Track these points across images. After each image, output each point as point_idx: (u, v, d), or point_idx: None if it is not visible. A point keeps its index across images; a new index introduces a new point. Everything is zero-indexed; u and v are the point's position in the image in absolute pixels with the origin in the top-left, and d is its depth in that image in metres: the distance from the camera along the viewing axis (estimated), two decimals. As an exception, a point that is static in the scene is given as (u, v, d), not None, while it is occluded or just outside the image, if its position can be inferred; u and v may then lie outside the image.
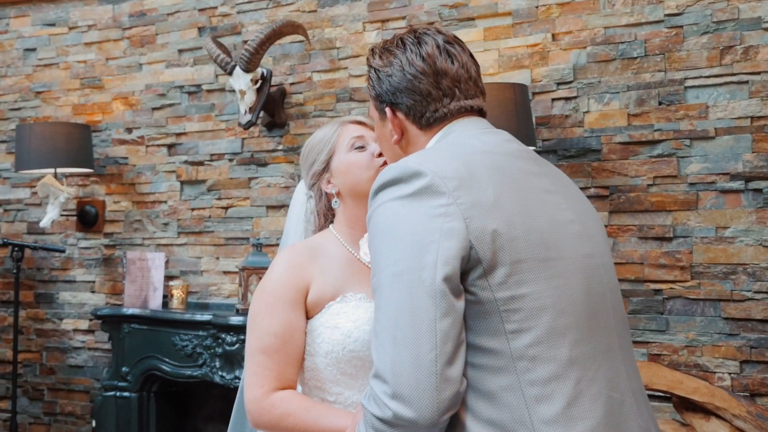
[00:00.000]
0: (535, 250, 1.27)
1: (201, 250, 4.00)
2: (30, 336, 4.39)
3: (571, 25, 3.21)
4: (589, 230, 1.40)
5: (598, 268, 1.37)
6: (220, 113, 3.95)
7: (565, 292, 1.28)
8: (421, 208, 1.25)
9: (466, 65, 1.45)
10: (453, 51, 1.44)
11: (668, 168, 3.03)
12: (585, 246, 1.36)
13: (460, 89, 1.43)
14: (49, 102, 4.37)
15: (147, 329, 3.77)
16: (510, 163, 1.36)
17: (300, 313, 1.68)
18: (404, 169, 1.29)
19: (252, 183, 3.87)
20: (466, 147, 1.36)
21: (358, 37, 3.65)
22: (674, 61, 3.03)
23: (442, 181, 1.26)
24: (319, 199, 1.84)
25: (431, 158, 1.31)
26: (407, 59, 1.43)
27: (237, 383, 3.43)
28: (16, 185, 4.44)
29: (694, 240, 2.98)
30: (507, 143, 1.42)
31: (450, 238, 1.23)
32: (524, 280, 1.26)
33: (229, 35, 3.92)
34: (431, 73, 1.42)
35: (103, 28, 4.25)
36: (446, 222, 1.23)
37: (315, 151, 1.82)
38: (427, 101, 1.42)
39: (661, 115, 3.05)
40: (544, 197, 1.35)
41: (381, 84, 1.46)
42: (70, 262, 4.29)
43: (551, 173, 1.43)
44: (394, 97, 1.44)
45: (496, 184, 1.29)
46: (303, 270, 1.70)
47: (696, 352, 2.97)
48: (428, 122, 1.43)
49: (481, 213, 1.25)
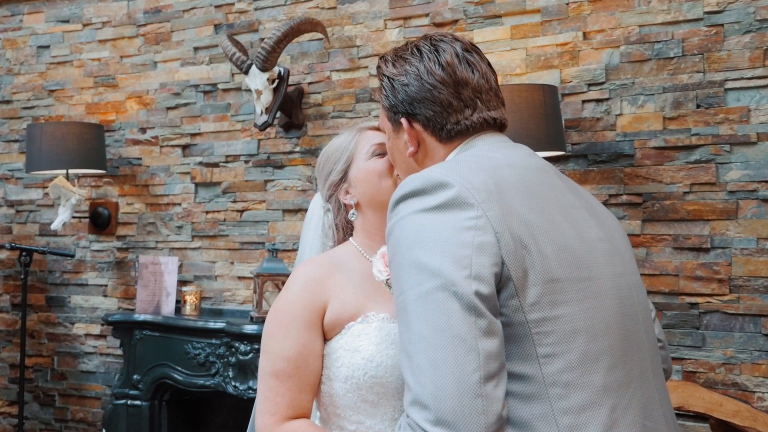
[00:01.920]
0: (568, 269, 1.21)
1: (215, 255, 3.88)
2: (41, 340, 4.30)
3: (604, 22, 3.04)
4: (618, 248, 1.34)
5: (630, 287, 1.32)
6: (236, 113, 3.83)
7: (598, 314, 1.22)
8: (449, 221, 1.17)
9: (486, 74, 1.38)
10: (472, 59, 1.37)
11: (706, 175, 2.86)
12: (616, 265, 1.30)
13: (482, 100, 1.36)
14: (63, 101, 4.27)
15: (159, 336, 3.67)
16: (536, 177, 1.29)
17: (316, 335, 1.56)
18: (428, 179, 1.21)
19: (268, 186, 3.75)
20: (490, 160, 1.29)
21: (379, 35, 3.51)
22: (714, 61, 2.86)
23: (470, 192, 1.18)
24: (337, 212, 1.72)
25: (456, 169, 1.23)
26: (425, 68, 1.35)
27: (251, 394, 3.32)
28: (29, 186, 4.35)
29: (733, 251, 2.81)
30: (530, 157, 1.35)
31: (483, 252, 1.15)
32: (557, 301, 1.19)
33: (245, 33, 3.81)
34: (451, 83, 1.35)
35: (117, 25, 4.14)
36: (477, 235, 1.16)
37: (332, 160, 1.71)
38: (447, 112, 1.35)
39: (699, 118, 2.88)
40: (572, 213, 1.29)
41: (396, 94, 1.38)
42: (82, 265, 4.19)
43: (574, 188, 1.38)
44: (411, 108, 1.36)
45: (523, 199, 1.22)
46: (321, 288, 1.58)
47: (734, 370, 2.80)
48: (449, 135, 1.36)
49: (511, 228, 1.18)
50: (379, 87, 1.43)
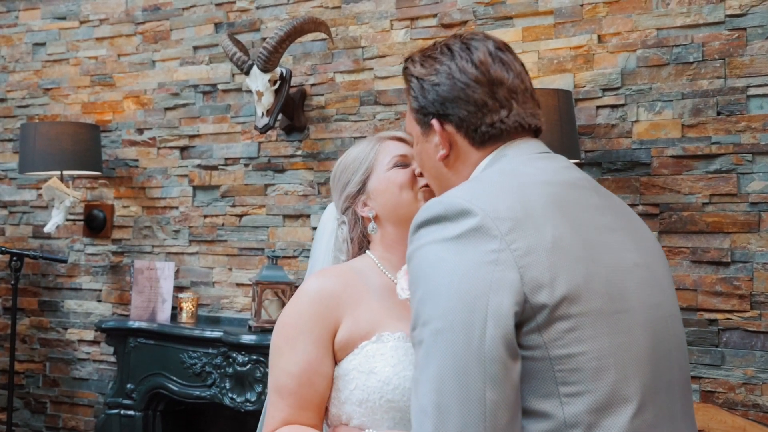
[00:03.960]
0: (599, 301, 1.12)
1: (213, 260, 3.76)
2: (33, 345, 4.18)
3: (620, 25, 2.92)
4: (657, 274, 1.25)
5: (666, 320, 1.23)
6: (236, 115, 3.71)
7: (629, 350, 1.13)
8: (468, 254, 1.10)
9: (521, 75, 1.31)
10: (506, 59, 1.30)
11: (726, 185, 2.74)
12: (652, 294, 1.21)
13: (518, 101, 1.28)
14: (58, 99, 4.15)
15: (154, 344, 3.54)
16: (570, 195, 1.21)
17: (324, 352, 1.46)
18: (450, 205, 1.14)
19: (268, 190, 3.63)
20: (520, 177, 1.20)
21: (385, 36, 3.39)
22: (735, 66, 2.74)
23: (494, 222, 1.11)
24: (353, 225, 1.63)
25: (481, 193, 1.16)
26: (457, 66, 1.28)
27: (248, 407, 3.21)
28: (22, 186, 4.23)
29: (755, 266, 2.69)
30: (566, 171, 1.26)
31: (501, 290, 1.07)
32: (584, 336, 1.10)
33: (247, 32, 3.69)
34: (486, 82, 1.27)
35: (115, 23, 4.02)
36: (497, 271, 1.08)
37: (349, 170, 1.62)
38: (482, 113, 1.27)
39: (719, 126, 2.76)
40: (608, 237, 1.20)
41: (426, 94, 1.31)
42: (76, 269, 4.07)
43: (613, 205, 1.28)
44: (443, 108, 1.29)
45: (555, 224, 1.14)
46: (335, 302, 1.48)
47: (755, 391, 2.67)
48: (482, 138, 1.28)
49: (538, 260, 1.10)
50: (406, 89, 1.35)
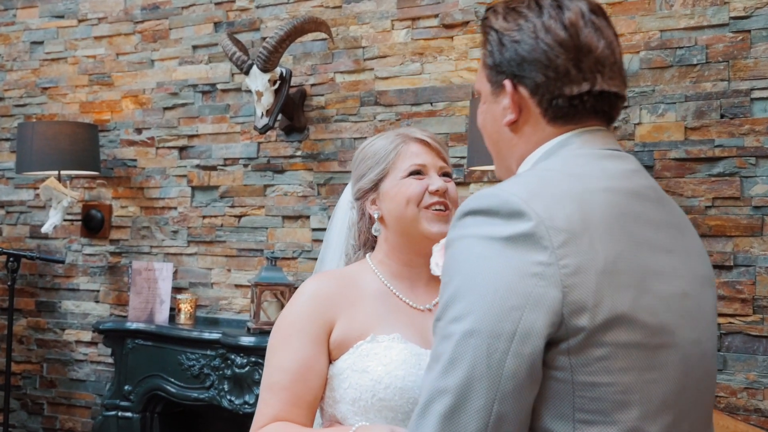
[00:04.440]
0: (639, 333, 1.02)
1: (212, 261, 3.74)
2: (30, 346, 4.15)
3: (623, 27, 2.90)
4: (703, 306, 1.14)
5: (701, 358, 1.12)
6: (236, 115, 3.69)
7: (658, 389, 1.04)
8: (512, 260, 1.00)
9: (612, 45, 1.16)
10: (599, 23, 1.15)
11: (730, 189, 2.72)
12: (694, 329, 1.10)
13: (603, 74, 1.13)
14: (56, 99, 4.13)
15: (152, 346, 3.52)
16: (632, 207, 1.09)
17: (319, 349, 1.47)
18: (506, 201, 1.03)
19: (268, 191, 3.60)
20: (585, 179, 1.08)
21: (386, 36, 3.37)
22: (739, 69, 2.72)
23: (548, 231, 1.01)
24: (360, 217, 1.65)
25: (541, 195, 1.04)
26: (543, 25, 1.14)
27: (246, 409, 3.19)
28: (20, 186, 4.20)
29: (757, 270, 2.67)
30: (632, 176, 1.13)
31: (538, 307, 0.99)
32: (614, 367, 1.01)
33: (246, 31, 3.66)
34: (572, 47, 1.13)
35: (113, 22, 4.00)
36: (539, 286, 0.99)
37: (366, 164, 1.60)
38: (562, 81, 1.13)
39: (723, 129, 2.74)
40: (663, 261, 1.09)
41: (504, 51, 1.17)
42: (73, 269, 4.04)
43: (673, 221, 1.16)
44: (520, 69, 1.16)
45: (611, 242, 1.03)
46: (330, 302, 1.50)
47: (757, 395, 2.66)
48: (555, 113, 1.15)
49: (586, 282, 1.00)
50: (482, 42, 1.22)
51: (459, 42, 3.21)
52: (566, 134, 1.16)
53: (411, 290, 1.57)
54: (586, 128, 1.16)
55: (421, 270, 1.56)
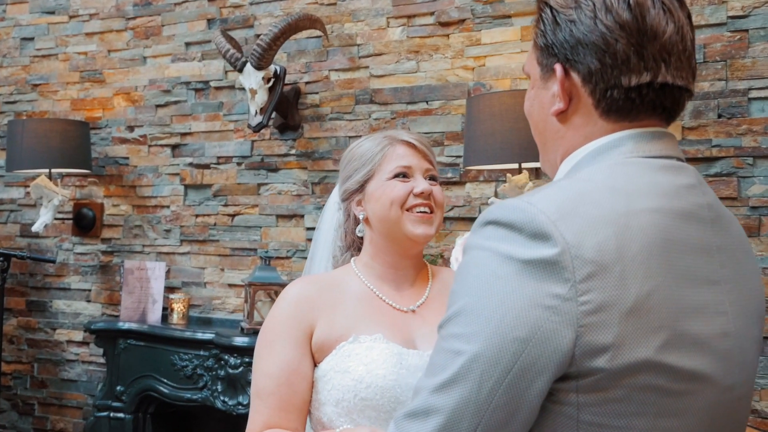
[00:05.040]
0: (663, 378, 0.92)
1: (205, 261, 3.70)
2: (21, 346, 4.11)
3: (620, 25, 2.88)
4: (745, 346, 1.01)
5: (733, 404, 1.00)
6: (229, 112, 3.65)
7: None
8: (527, 287, 0.90)
9: (682, 30, 1.01)
10: (670, 4, 1.01)
11: (727, 189, 2.71)
12: (730, 374, 0.98)
13: (668, 64, 0.99)
14: (47, 96, 4.08)
15: (144, 346, 3.49)
16: (681, 232, 0.96)
17: (302, 353, 1.49)
18: (532, 220, 0.92)
19: (261, 189, 3.57)
20: (630, 197, 0.95)
21: (381, 34, 3.34)
22: (737, 69, 2.70)
23: (573, 262, 0.89)
24: (346, 218, 1.65)
25: (573, 215, 0.92)
26: (604, 3, 1.00)
27: (240, 410, 3.16)
28: (10, 184, 4.15)
29: (755, 271, 2.66)
30: (687, 193, 1.00)
31: (544, 344, 0.89)
32: (627, 411, 0.91)
33: (240, 28, 3.62)
34: (635, 31, 0.99)
35: (105, 18, 3.95)
36: (551, 322, 0.89)
37: (353, 165, 1.60)
38: (620, 69, 0.99)
39: (720, 129, 2.72)
40: (705, 294, 0.97)
41: (558, 31, 1.04)
42: (64, 268, 4.00)
43: (727, 245, 1.03)
44: (573, 53, 1.02)
45: (647, 275, 0.91)
46: (310, 306, 1.51)
47: (754, 396, 2.65)
48: (609, 106, 1.02)
49: (607, 321, 0.89)
50: (536, 20, 1.09)
51: (455, 40, 3.18)
52: (619, 133, 1.03)
53: (396, 292, 1.57)
54: (642, 129, 1.03)
55: (406, 272, 1.59)
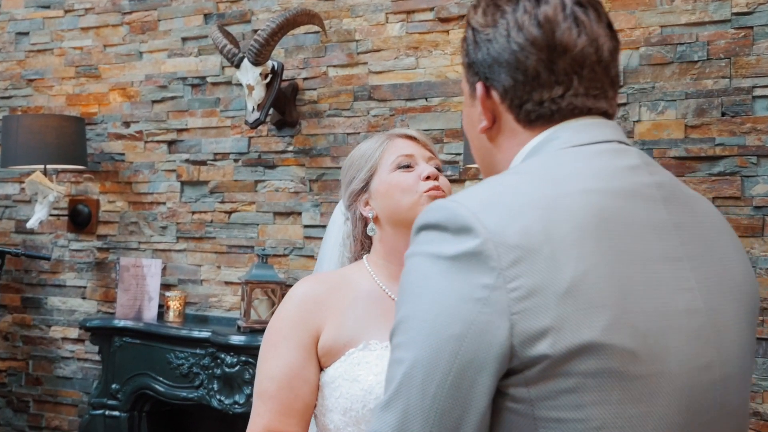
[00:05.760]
0: (616, 360, 0.87)
1: (201, 258, 3.67)
2: (16, 343, 4.08)
3: (623, 22, 2.84)
4: (721, 324, 0.96)
5: (714, 386, 0.94)
6: (226, 108, 3.61)
7: (644, 424, 0.88)
8: (456, 283, 0.87)
9: (597, 42, 1.00)
10: (583, 17, 1.00)
11: (730, 188, 2.67)
12: (702, 353, 0.93)
13: (581, 77, 1.00)
14: (42, 91, 4.04)
15: (140, 344, 3.45)
16: (623, 210, 0.93)
17: (306, 357, 1.44)
18: (454, 215, 0.90)
19: (258, 186, 3.53)
20: (562, 181, 0.93)
21: (380, 30, 3.30)
22: (741, 66, 2.67)
23: (497, 249, 0.86)
24: (355, 223, 1.60)
25: (496, 205, 0.90)
26: (516, 21, 1.01)
27: (236, 409, 3.13)
28: (5, 180, 4.11)
29: (758, 271, 2.63)
30: (629, 173, 0.97)
31: (480, 338, 0.86)
32: (584, 402, 0.86)
33: (237, 23, 3.58)
34: (545, 47, 0.99)
35: (101, 12, 3.91)
36: (483, 314, 0.86)
37: (355, 167, 1.57)
38: (531, 86, 1.00)
39: (724, 127, 2.69)
40: (661, 271, 0.92)
41: (477, 50, 1.04)
42: (60, 265, 3.96)
43: (689, 222, 0.99)
44: (490, 71, 1.03)
45: (583, 255, 0.88)
46: (318, 308, 1.46)
47: (756, 399, 2.62)
48: (528, 117, 1.02)
49: (542, 305, 0.86)
50: (462, 39, 1.10)
51: (455, 36, 3.14)
52: (550, 129, 1.01)
53: None
54: (575, 119, 1.01)
55: None
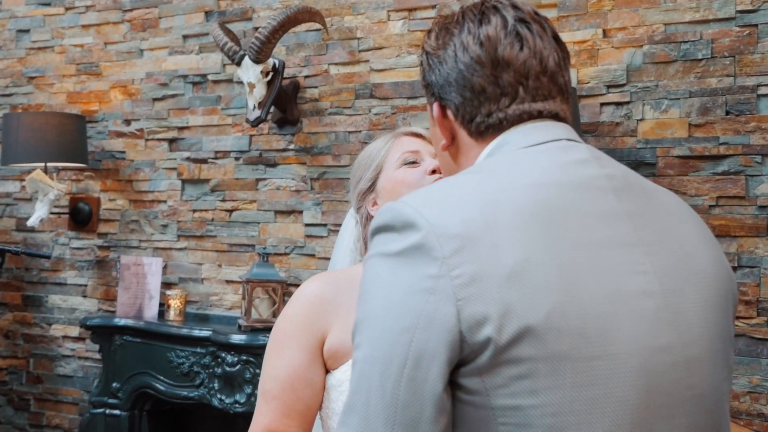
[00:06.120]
0: (566, 343, 0.88)
1: (202, 256, 3.65)
2: (17, 341, 4.07)
3: (626, 20, 2.82)
4: (680, 306, 0.97)
5: (676, 367, 0.94)
6: (227, 106, 3.59)
7: (602, 407, 0.89)
8: (403, 277, 0.91)
9: (540, 53, 1.06)
10: (524, 33, 1.06)
11: (735, 188, 2.65)
12: (660, 334, 0.94)
13: (526, 87, 1.05)
14: (43, 89, 4.02)
15: (141, 342, 3.44)
16: (567, 200, 0.96)
17: (310, 358, 1.42)
18: (398, 213, 0.94)
19: (259, 185, 3.52)
20: (505, 177, 0.97)
21: (382, 27, 3.28)
22: (746, 64, 2.64)
23: (438, 240, 0.90)
24: (364, 224, 1.57)
25: (438, 201, 0.94)
26: (462, 42, 1.07)
27: (237, 408, 3.12)
28: (6, 177, 4.10)
29: (762, 271, 2.60)
30: (576, 167, 1.00)
31: (430, 327, 0.88)
32: (539, 387, 0.87)
33: (238, 21, 3.56)
34: (488, 63, 1.04)
35: (102, 10, 3.89)
36: (430, 302, 0.88)
37: (362, 167, 1.56)
38: (479, 100, 1.05)
39: (728, 126, 2.67)
40: (609, 256, 0.94)
41: (431, 72, 1.11)
42: (60, 263, 3.95)
43: (643, 210, 1.01)
44: (443, 91, 1.09)
45: (524, 242, 0.90)
46: (324, 308, 1.43)
47: (760, 400, 2.60)
48: (479, 129, 1.07)
49: (485, 291, 0.88)
50: (419, 63, 1.17)
51: (457, 34, 3.12)
52: (501, 136, 1.05)
53: None
54: (523, 123, 1.05)
55: None
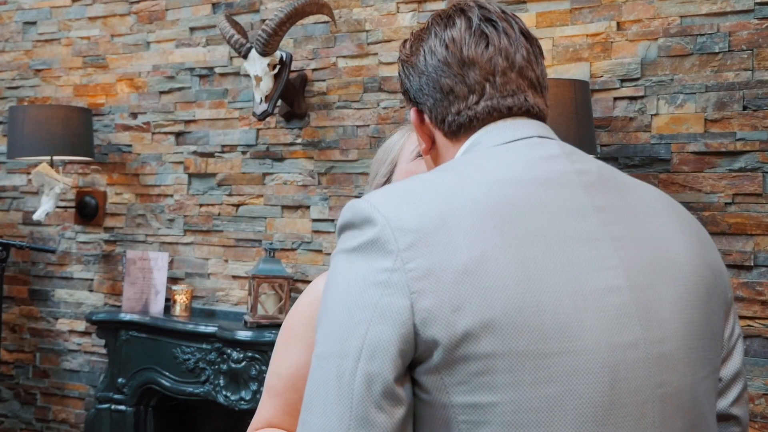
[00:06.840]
0: (523, 339, 0.87)
1: (208, 251, 3.62)
2: (23, 335, 4.05)
3: (641, 12, 2.75)
4: (650, 301, 0.95)
5: (646, 364, 0.93)
6: (234, 100, 3.55)
7: (563, 404, 0.88)
8: (359, 271, 0.92)
9: (505, 50, 1.06)
10: (488, 31, 1.07)
11: (751, 184, 2.58)
12: (626, 330, 0.92)
13: (494, 84, 1.06)
14: (49, 81, 3.99)
15: (146, 338, 3.42)
16: (531, 196, 0.95)
17: None
18: (357, 210, 0.96)
19: (267, 179, 3.47)
20: (465, 174, 0.98)
21: (391, 19, 3.22)
22: (764, 58, 2.57)
23: (393, 234, 0.91)
24: None
25: (396, 197, 0.96)
26: (430, 47, 1.10)
27: (242, 405, 3.08)
28: (12, 171, 4.08)
29: (779, 271, 2.55)
30: (543, 163, 1.00)
31: (384, 320, 0.88)
32: (497, 383, 0.87)
33: (245, 13, 3.52)
34: (455, 64, 1.07)
35: (108, 2, 3.85)
36: (384, 295, 0.89)
37: (378, 162, 1.57)
38: (448, 100, 1.08)
39: (745, 121, 2.60)
40: (574, 251, 0.93)
41: (407, 80, 1.15)
42: (67, 257, 3.93)
43: (615, 205, 1.00)
44: (417, 96, 1.12)
45: (482, 238, 0.90)
46: None
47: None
48: (451, 129, 1.09)
49: (439, 285, 0.88)
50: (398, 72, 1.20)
51: (467, 26, 3.06)
52: (472, 137, 1.07)
53: None
54: (494, 123, 1.07)
55: None
